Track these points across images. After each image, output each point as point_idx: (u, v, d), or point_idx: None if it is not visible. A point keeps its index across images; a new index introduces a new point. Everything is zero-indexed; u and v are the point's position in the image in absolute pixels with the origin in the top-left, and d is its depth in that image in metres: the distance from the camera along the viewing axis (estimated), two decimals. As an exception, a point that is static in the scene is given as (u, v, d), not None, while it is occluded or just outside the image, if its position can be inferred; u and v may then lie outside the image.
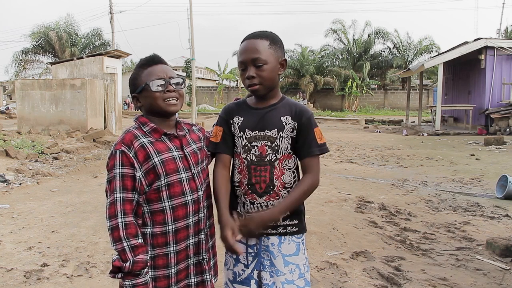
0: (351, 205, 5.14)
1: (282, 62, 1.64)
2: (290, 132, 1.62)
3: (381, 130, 18.88)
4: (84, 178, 7.18)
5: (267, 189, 1.61)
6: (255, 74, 1.57)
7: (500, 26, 35.60)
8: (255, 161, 1.61)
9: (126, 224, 1.38)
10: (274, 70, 1.60)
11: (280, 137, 1.61)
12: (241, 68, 1.62)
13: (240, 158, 1.65)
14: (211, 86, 43.34)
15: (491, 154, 9.97)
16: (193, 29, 21.01)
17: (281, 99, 1.68)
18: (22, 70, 31.31)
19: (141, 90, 1.53)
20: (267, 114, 1.63)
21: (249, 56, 1.57)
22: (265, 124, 1.62)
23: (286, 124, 1.62)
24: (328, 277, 3.07)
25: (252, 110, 1.67)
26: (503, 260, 3.39)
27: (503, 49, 15.33)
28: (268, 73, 1.58)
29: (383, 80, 35.21)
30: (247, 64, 1.58)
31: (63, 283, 2.99)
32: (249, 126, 1.63)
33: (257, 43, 1.58)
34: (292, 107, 1.65)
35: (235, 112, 1.69)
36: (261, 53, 1.57)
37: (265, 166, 1.60)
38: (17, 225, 4.38)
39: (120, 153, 1.42)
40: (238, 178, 1.66)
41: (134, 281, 1.37)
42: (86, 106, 12.90)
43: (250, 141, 1.62)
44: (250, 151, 1.62)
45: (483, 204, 5.30)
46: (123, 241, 1.36)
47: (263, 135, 1.61)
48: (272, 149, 1.61)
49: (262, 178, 1.61)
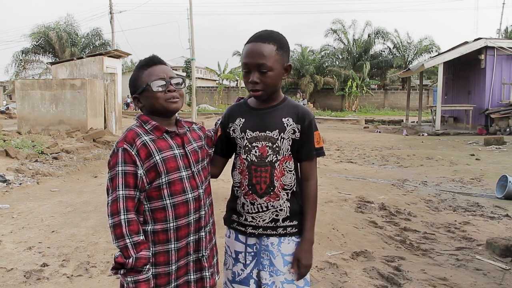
0: (351, 205, 5.14)
1: (287, 67, 1.62)
2: (291, 134, 1.61)
3: (381, 130, 18.88)
4: (84, 178, 7.19)
5: (267, 189, 1.61)
6: (258, 80, 1.55)
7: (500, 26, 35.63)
8: (256, 161, 1.61)
9: (128, 221, 1.38)
10: (278, 76, 1.58)
11: (281, 138, 1.60)
12: (244, 70, 1.59)
13: (240, 158, 1.65)
14: (211, 86, 43.33)
15: (491, 154, 9.97)
16: (193, 29, 21.02)
17: (283, 100, 1.67)
18: (22, 70, 31.30)
19: (142, 91, 1.54)
20: (268, 114, 1.63)
21: (255, 61, 1.54)
22: (266, 125, 1.61)
23: (287, 126, 1.61)
24: (328, 277, 3.07)
25: (253, 110, 1.66)
26: (503, 260, 3.39)
27: (503, 49, 15.33)
28: (272, 80, 1.56)
29: (383, 80, 35.20)
30: (252, 68, 1.55)
31: (63, 283, 2.99)
32: (250, 127, 1.63)
33: (264, 48, 1.54)
34: (295, 109, 1.64)
35: (237, 114, 1.69)
36: (267, 59, 1.53)
37: (265, 167, 1.60)
38: (17, 225, 4.38)
39: (122, 150, 1.43)
40: (238, 179, 1.66)
41: (136, 278, 1.38)
42: (86, 106, 12.89)
43: (251, 142, 1.62)
44: (251, 151, 1.62)
45: (483, 204, 5.30)
46: (126, 238, 1.37)
47: (264, 136, 1.61)
48: (273, 150, 1.60)
49: (262, 179, 1.60)
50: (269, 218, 1.62)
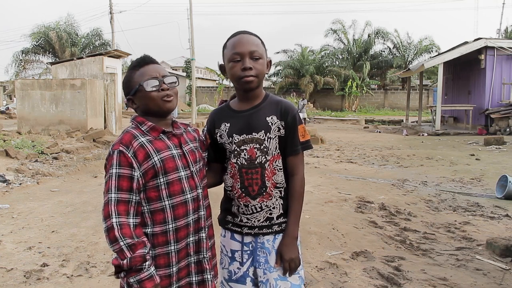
0: (351, 205, 5.15)
1: (268, 62, 1.68)
2: (277, 131, 1.62)
3: (381, 130, 18.88)
4: (84, 178, 7.19)
5: (260, 191, 1.61)
6: (252, 66, 1.57)
7: (500, 26, 35.57)
8: (246, 164, 1.61)
9: (120, 224, 1.37)
10: (265, 67, 1.64)
11: (268, 138, 1.61)
12: (234, 60, 1.59)
13: (231, 162, 1.65)
14: (211, 86, 43.30)
15: (491, 154, 9.97)
16: (193, 29, 21.03)
17: (265, 97, 1.67)
18: (22, 70, 31.30)
19: (136, 92, 1.53)
20: (252, 116, 1.63)
21: (247, 48, 1.58)
22: (252, 127, 1.62)
23: (272, 124, 1.62)
24: (328, 277, 3.07)
25: (236, 114, 1.66)
26: (503, 260, 3.39)
27: (503, 49, 15.33)
28: (262, 68, 1.61)
29: (383, 80, 35.19)
30: (244, 55, 1.57)
31: (63, 283, 3.00)
32: (236, 131, 1.63)
33: (253, 38, 1.62)
34: (277, 105, 1.65)
35: (221, 119, 1.68)
36: (257, 47, 1.60)
37: (256, 169, 1.61)
38: (17, 225, 4.38)
39: (118, 153, 1.41)
40: (230, 183, 1.65)
41: (138, 276, 1.36)
42: (86, 106, 12.90)
43: (239, 145, 1.62)
44: (240, 155, 1.62)
45: (483, 204, 5.30)
46: (120, 241, 1.35)
47: (250, 138, 1.61)
48: (261, 151, 1.61)
49: (254, 181, 1.61)
50: (263, 217, 1.63)
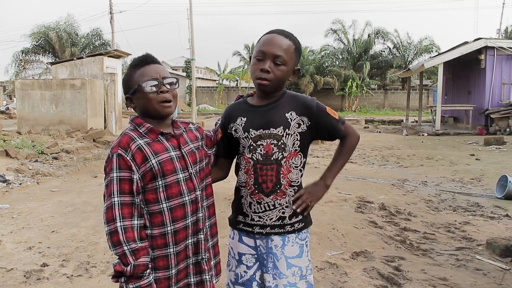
0: (351, 205, 5.14)
1: (296, 70, 1.63)
2: (296, 128, 1.59)
3: (381, 130, 18.87)
4: (84, 178, 7.18)
5: (274, 188, 1.58)
6: (270, 70, 1.54)
7: (500, 26, 35.54)
8: (261, 160, 1.58)
9: (125, 228, 1.36)
10: (288, 75, 1.59)
11: (286, 135, 1.58)
12: (257, 57, 1.56)
13: (245, 158, 1.61)
14: (211, 86, 43.29)
15: (491, 154, 9.97)
16: (193, 29, 21.03)
17: (283, 94, 1.65)
18: (22, 70, 31.28)
19: (134, 91, 1.51)
20: (270, 111, 1.60)
21: (273, 50, 1.54)
22: (270, 122, 1.58)
23: (291, 121, 1.58)
24: (328, 277, 3.07)
25: (254, 108, 1.64)
26: (503, 260, 3.39)
27: (503, 49, 15.32)
28: (282, 74, 1.56)
29: (383, 80, 35.18)
30: (267, 57, 1.54)
31: (63, 283, 2.99)
32: (253, 126, 1.60)
33: (285, 42, 1.56)
34: (295, 101, 1.63)
35: (237, 114, 1.66)
36: (284, 53, 1.55)
37: (271, 165, 1.57)
38: (17, 225, 4.38)
39: (117, 156, 1.40)
40: (244, 178, 1.62)
41: (138, 284, 1.36)
42: (86, 106, 12.90)
43: (255, 141, 1.59)
44: (256, 150, 1.59)
45: (483, 204, 5.30)
46: (123, 245, 1.35)
47: (268, 133, 1.58)
48: (278, 148, 1.58)
49: (268, 177, 1.58)
50: (276, 216, 1.60)
